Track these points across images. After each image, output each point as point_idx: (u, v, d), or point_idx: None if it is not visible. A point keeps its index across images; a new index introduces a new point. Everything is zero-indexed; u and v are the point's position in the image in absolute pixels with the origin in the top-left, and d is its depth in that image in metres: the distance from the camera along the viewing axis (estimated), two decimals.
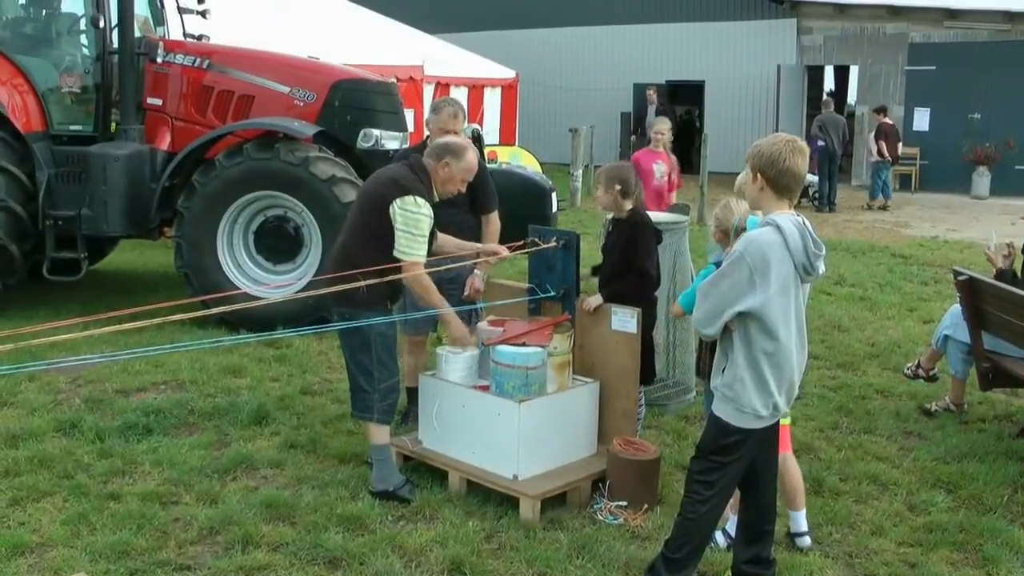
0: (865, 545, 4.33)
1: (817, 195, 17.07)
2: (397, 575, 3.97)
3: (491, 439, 4.67)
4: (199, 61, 8.29)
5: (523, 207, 8.33)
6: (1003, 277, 5.78)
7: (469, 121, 10.70)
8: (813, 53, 21.82)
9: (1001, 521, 4.55)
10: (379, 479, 4.71)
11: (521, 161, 13.24)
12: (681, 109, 23.90)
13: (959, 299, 5.74)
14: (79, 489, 4.67)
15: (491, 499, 4.63)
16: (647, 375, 5.12)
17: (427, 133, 5.53)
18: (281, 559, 4.08)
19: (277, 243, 7.91)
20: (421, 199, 4.54)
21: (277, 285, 7.71)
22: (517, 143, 18.34)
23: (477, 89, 17.81)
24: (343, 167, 7.68)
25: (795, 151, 3.46)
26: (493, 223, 5.53)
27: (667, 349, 6.30)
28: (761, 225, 3.50)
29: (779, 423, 3.72)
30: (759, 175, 3.50)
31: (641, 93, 21.88)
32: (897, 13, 20.20)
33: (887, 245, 12.95)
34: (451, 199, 4.90)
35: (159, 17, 9.14)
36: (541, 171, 11.85)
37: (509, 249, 5.07)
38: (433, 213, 4.62)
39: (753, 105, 22.29)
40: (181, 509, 4.54)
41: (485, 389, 4.79)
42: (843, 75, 26.23)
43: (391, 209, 4.51)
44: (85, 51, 8.46)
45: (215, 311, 5.52)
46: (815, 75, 23.58)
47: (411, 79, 14.84)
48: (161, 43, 8.31)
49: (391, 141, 8.25)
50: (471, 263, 5.33)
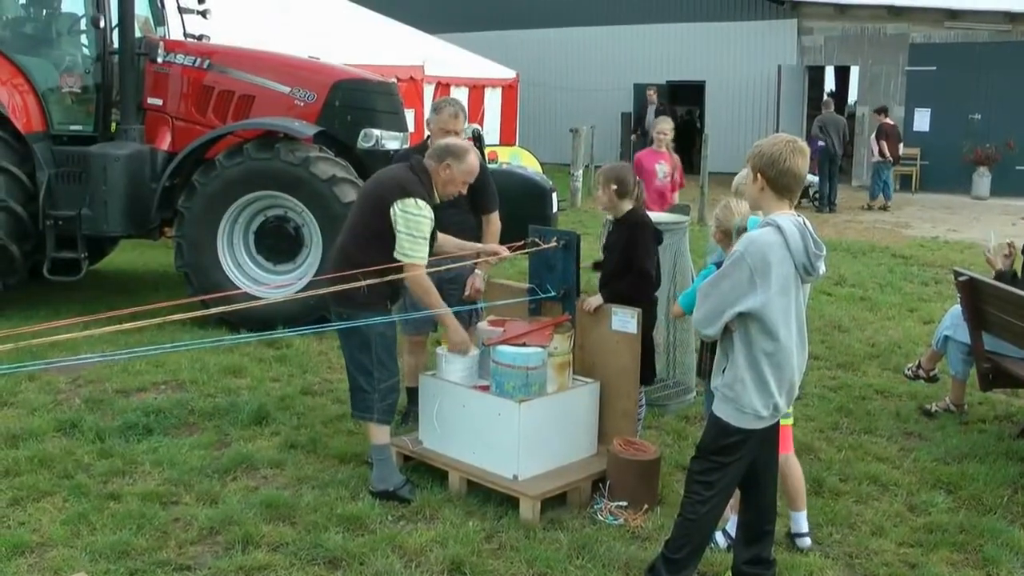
0: (865, 545, 4.33)
1: (817, 195, 17.07)
2: (397, 575, 3.97)
3: (491, 439, 4.67)
4: (199, 61, 8.30)
5: (524, 207, 8.33)
6: (1003, 278, 5.78)
7: (469, 121, 10.71)
8: (814, 53, 21.82)
9: (1001, 522, 4.55)
10: (379, 479, 4.71)
11: (521, 161, 13.24)
12: (682, 109, 23.88)
13: (959, 300, 5.74)
14: (79, 489, 4.67)
15: (491, 499, 4.63)
16: (647, 375, 5.11)
17: (428, 133, 5.53)
18: (281, 559, 4.08)
19: (277, 243, 7.91)
20: (422, 201, 4.54)
21: (277, 285, 7.71)
22: (517, 143, 18.33)
23: (478, 89, 17.81)
24: (343, 167, 7.68)
25: (795, 151, 3.47)
26: (494, 223, 5.53)
27: (667, 349, 6.30)
28: (761, 225, 3.50)
29: (779, 423, 3.72)
30: (759, 175, 3.49)
31: (642, 93, 21.88)
32: (898, 13, 20.20)
33: (887, 245, 12.95)
34: (452, 199, 4.90)
35: (159, 17, 9.13)
36: (541, 171, 11.84)
37: (509, 249, 5.06)
38: (434, 214, 4.63)
39: (754, 105, 22.30)
40: (181, 509, 4.54)
41: (485, 389, 4.79)
42: (844, 75, 26.24)
43: (392, 211, 4.51)
44: (85, 51, 8.45)
45: (215, 311, 5.52)
46: (816, 75, 23.58)
47: (411, 79, 14.84)
48: (161, 43, 8.31)
49: (391, 141, 8.25)
50: (471, 263, 5.32)
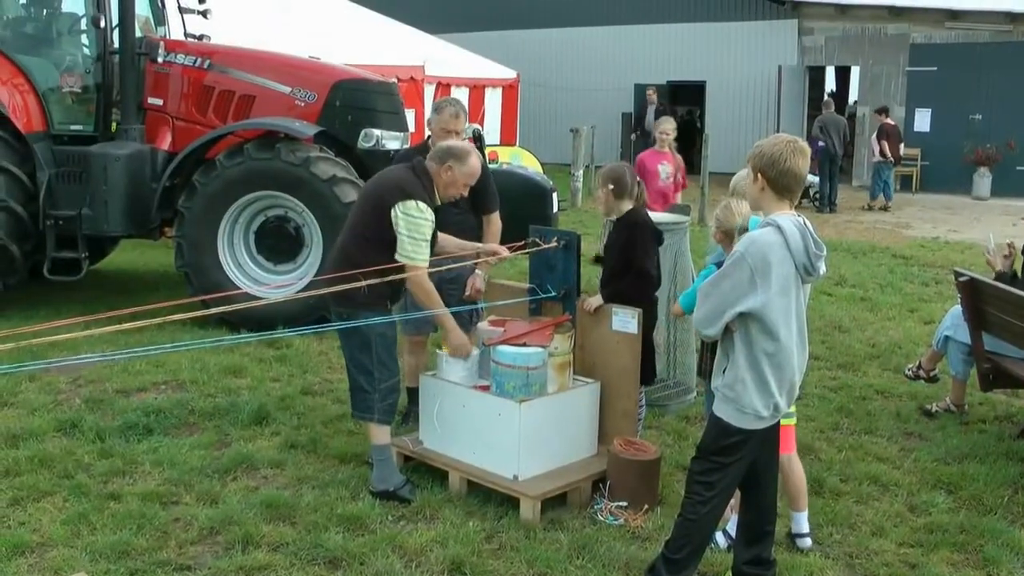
0: (866, 546, 4.33)
1: (818, 196, 17.07)
2: (397, 575, 3.97)
3: (491, 439, 4.66)
4: (200, 61, 8.30)
5: (524, 207, 8.31)
6: (1003, 278, 5.78)
7: (470, 121, 10.69)
8: (814, 54, 21.81)
9: (1002, 522, 4.55)
10: (379, 479, 4.71)
11: (522, 161, 13.24)
12: (682, 109, 23.88)
13: (960, 300, 5.74)
14: (79, 489, 4.67)
15: (491, 499, 4.62)
16: (648, 375, 5.11)
17: (428, 133, 5.53)
18: (281, 559, 4.08)
19: (278, 243, 7.91)
20: (423, 204, 4.54)
21: (278, 285, 7.71)
22: (518, 143, 18.33)
23: (478, 89, 17.81)
24: (344, 167, 7.68)
25: (796, 152, 3.46)
26: (494, 223, 5.52)
27: (668, 349, 6.29)
28: (762, 225, 3.50)
29: (780, 424, 3.72)
30: (760, 175, 3.49)
31: (642, 94, 21.88)
32: (898, 14, 20.20)
33: (888, 246, 12.95)
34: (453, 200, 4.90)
35: (160, 17, 9.13)
36: (542, 171, 11.84)
37: (510, 249, 5.06)
38: (435, 215, 4.63)
39: (754, 106, 22.30)
40: (181, 509, 4.54)
41: (486, 389, 4.79)
42: (844, 76, 26.22)
43: (392, 213, 4.51)
44: (86, 51, 8.45)
45: (215, 311, 5.52)
46: (816, 76, 23.57)
47: (412, 79, 14.84)
48: (162, 43, 8.31)
49: (392, 141, 8.25)
50: (472, 263, 5.32)
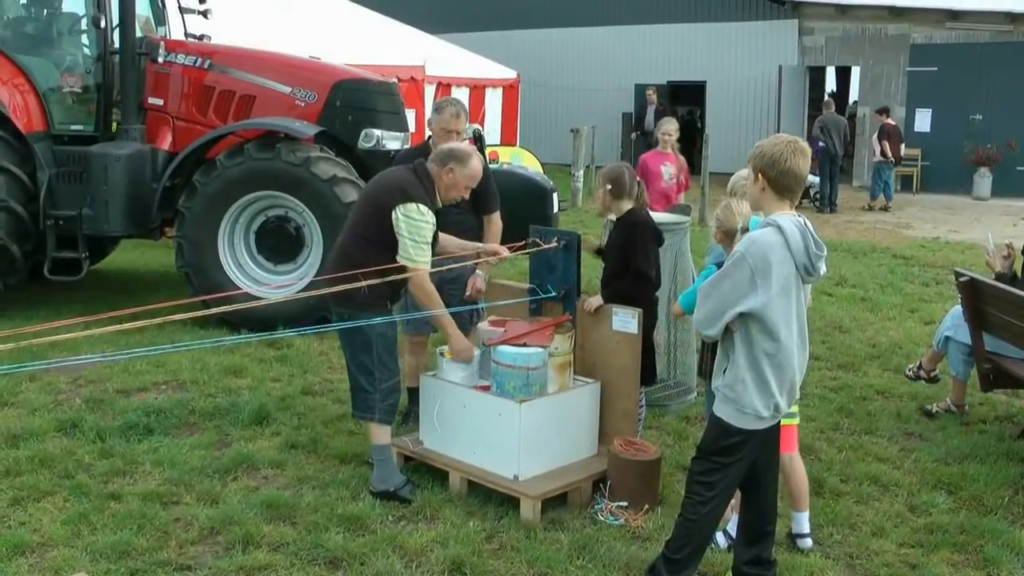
0: (866, 546, 4.33)
1: (818, 196, 17.08)
2: (398, 575, 3.97)
3: (492, 439, 4.66)
4: (200, 61, 8.29)
5: (524, 207, 8.31)
6: (1003, 279, 5.78)
7: (470, 121, 10.70)
8: (815, 54, 21.81)
9: (1002, 522, 4.55)
10: (380, 479, 4.71)
11: (522, 161, 13.24)
12: (682, 110, 23.88)
13: (960, 300, 5.73)
14: (80, 489, 4.67)
15: (492, 499, 4.62)
16: (648, 376, 5.11)
17: (429, 133, 5.53)
18: (282, 559, 4.08)
19: (278, 243, 7.91)
20: (424, 206, 4.54)
21: (278, 285, 7.71)
22: (518, 143, 18.33)
23: (478, 89, 17.81)
24: (344, 167, 7.68)
25: (797, 152, 3.46)
26: (495, 223, 5.52)
27: (668, 350, 6.29)
28: (762, 226, 3.50)
29: (780, 424, 3.72)
30: (760, 175, 3.49)
31: (642, 94, 21.88)
32: (899, 14, 20.19)
33: (888, 246, 12.95)
34: None
35: (160, 17, 9.13)
36: (542, 171, 11.84)
37: (510, 249, 5.06)
38: (436, 218, 4.63)
39: (754, 106, 22.29)
40: (182, 509, 4.54)
41: (486, 389, 4.79)
42: (845, 76, 26.23)
43: (393, 215, 4.51)
44: (86, 51, 8.45)
45: (216, 311, 5.51)
46: (817, 76, 23.57)
47: (412, 79, 14.85)
48: (162, 43, 8.31)
49: (392, 141, 8.25)
50: (472, 263, 5.32)
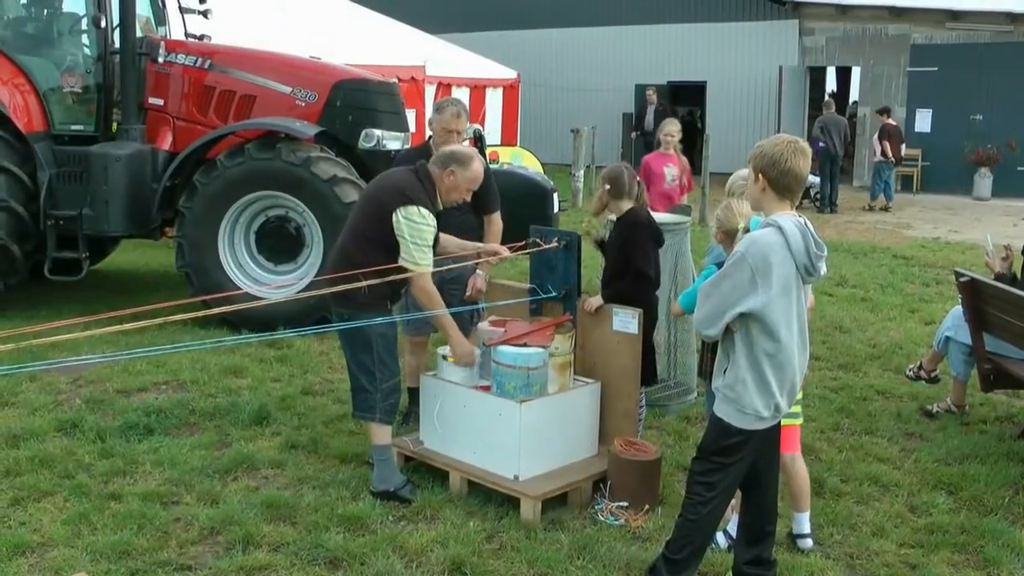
0: (866, 546, 4.33)
1: (819, 196, 17.08)
2: (398, 575, 3.97)
3: (492, 439, 4.66)
4: (201, 61, 8.30)
5: (525, 207, 8.30)
6: (1003, 280, 5.78)
7: (471, 121, 10.70)
8: (815, 54, 21.81)
9: (1002, 523, 4.55)
10: (380, 479, 4.71)
11: (523, 161, 13.25)
12: (683, 110, 23.87)
13: (960, 300, 5.73)
14: (80, 489, 4.67)
15: (492, 499, 4.62)
16: (648, 376, 5.11)
17: (429, 133, 5.53)
18: (282, 559, 4.08)
19: (278, 243, 7.91)
20: (424, 209, 4.54)
21: (278, 285, 7.72)
22: (519, 143, 18.35)
23: (479, 89, 17.83)
24: (344, 167, 7.68)
25: (797, 152, 3.46)
26: (495, 223, 5.52)
27: (668, 350, 6.29)
28: (763, 226, 3.50)
29: (783, 424, 3.72)
30: (761, 176, 3.49)
31: (642, 94, 21.89)
32: (899, 14, 20.19)
33: (888, 246, 12.94)
34: None
35: (160, 17, 9.13)
36: (543, 171, 11.85)
37: (510, 249, 5.06)
38: (437, 220, 4.63)
39: (755, 106, 22.29)
40: (182, 509, 4.54)
41: (486, 389, 4.79)
42: (845, 76, 26.23)
43: (394, 218, 4.51)
44: (87, 51, 8.45)
45: (216, 311, 5.52)
46: (817, 76, 23.58)
47: (413, 79, 14.85)
48: (163, 43, 8.31)
49: (393, 141, 8.25)
50: (473, 263, 5.32)
